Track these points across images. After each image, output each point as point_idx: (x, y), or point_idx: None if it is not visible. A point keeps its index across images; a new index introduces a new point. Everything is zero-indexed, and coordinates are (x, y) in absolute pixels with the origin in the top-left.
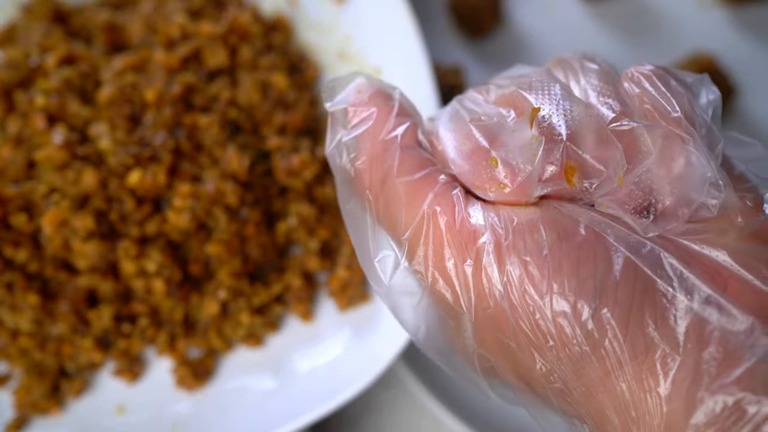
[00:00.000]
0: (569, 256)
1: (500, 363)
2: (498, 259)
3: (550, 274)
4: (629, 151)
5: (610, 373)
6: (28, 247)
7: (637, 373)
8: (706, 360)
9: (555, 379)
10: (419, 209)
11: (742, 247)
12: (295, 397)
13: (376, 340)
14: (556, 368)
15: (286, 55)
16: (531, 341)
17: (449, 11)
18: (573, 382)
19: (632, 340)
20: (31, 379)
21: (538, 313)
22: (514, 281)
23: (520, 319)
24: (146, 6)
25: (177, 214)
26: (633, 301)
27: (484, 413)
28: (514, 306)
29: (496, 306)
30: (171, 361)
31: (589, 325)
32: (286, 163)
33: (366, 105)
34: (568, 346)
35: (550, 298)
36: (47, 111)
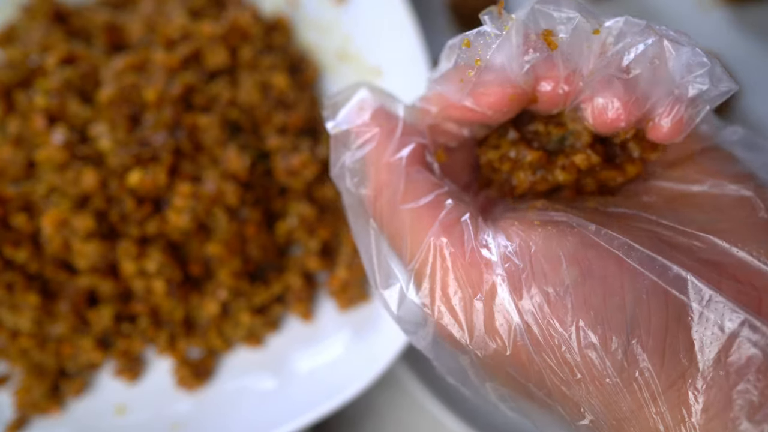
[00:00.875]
0: (594, 291)
1: (517, 396)
2: (515, 292)
3: (574, 307)
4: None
5: (642, 405)
6: (28, 247)
7: (671, 404)
8: (743, 388)
9: (583, 412)
10: (424, 239)
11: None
12: (295, 397)
13: (376, 340)
14: (584, 402)
15: (286, 55)
16: (557, 375)
17: (449, 11)
18: (603, 415)
19: (667, 370)
20: (31, 379)
21: (564, 346)
22: (538, 313)
23: (544, 353)
24: (146, 6)
25: (177, 214)
26: (667, 330)
27: (484, 413)
28: (537, 340)
29: (514, 342)
30: (171, 361)
31: (619, 356)
32: (286, 163)
33: (368, 126)
34: (598, 379)
35: (576, 330)
36: (47, 111)
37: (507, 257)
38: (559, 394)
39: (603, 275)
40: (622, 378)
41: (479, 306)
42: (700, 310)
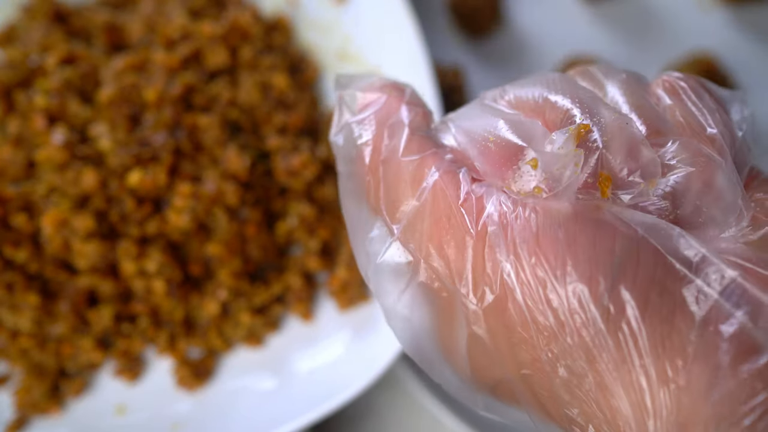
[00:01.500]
0: (585, 232)
1: (497, 354)
2: (504, 234)
3: (564, 248)
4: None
5: (626, 359)
6: (28, 247)
7: (657, 362)
8: (727, 350)
9: (562, 366)
10: (421, 183)
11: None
12: (295, 397)
13: (376, 340)
14: (566, 355)
15: (286, 55)
16: (538, 323)
17: (449, 11)
18: (583, 369)
19: (651, 325)
20: (31, 379)
21: (549, 289)
22: (524, 255)
23: (527, 297)
24: (146, 6)
25: (177, 214)
26: (653, 283)
27: None
28: (522, 282)
29: (502, 286)
30: (171, 361)
31: (605, 301)
32: (286, 163)
33: (377, 91)
34: (584, 327)
35: (563, 272)
36: (47, 111)
37: (500, 201)
38: (538, 367)
39: (596, 220)
40: (606, 325)
41: (469, 250)
42: (687, 267)
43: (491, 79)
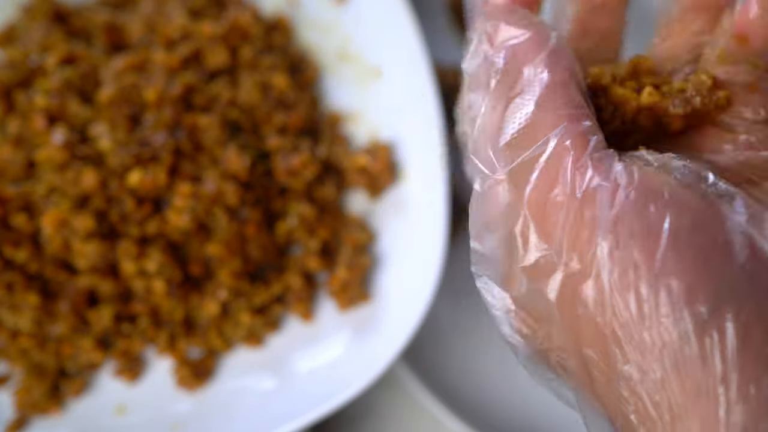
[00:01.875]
0: (701, 240)
1: (563, 324)
2: (610, 206)
3: (667, 247)
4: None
5: (708, 366)
6: (28, 247)
7: (741, 375)
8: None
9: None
10: (546, 134)
11: None
12: (295, 397)
13: (376, 340)
14: (636, 350)
15: (286, 55)
16: (616, 308)
17: (449, 11)
18: (652, 368)
19: (746, 345)
20: (31, 379)
21: (641, 278)
22: (624, 236)
23: (614, 279)
24: (146, 6)
25: (177, 214)
26: (760, 317)
27: (485, 413)
28: (615, 261)
29: (592, 258)
30: (171, 361)
31: (704, 316)
32: (286, 163)
33: (522, 27)
34: (667, 327)
35: (662, 267)
36: (47, 111)
37: (618, 176)
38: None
39: (713, 234)
40: (696, 332)
41: (570, 213)
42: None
43: None
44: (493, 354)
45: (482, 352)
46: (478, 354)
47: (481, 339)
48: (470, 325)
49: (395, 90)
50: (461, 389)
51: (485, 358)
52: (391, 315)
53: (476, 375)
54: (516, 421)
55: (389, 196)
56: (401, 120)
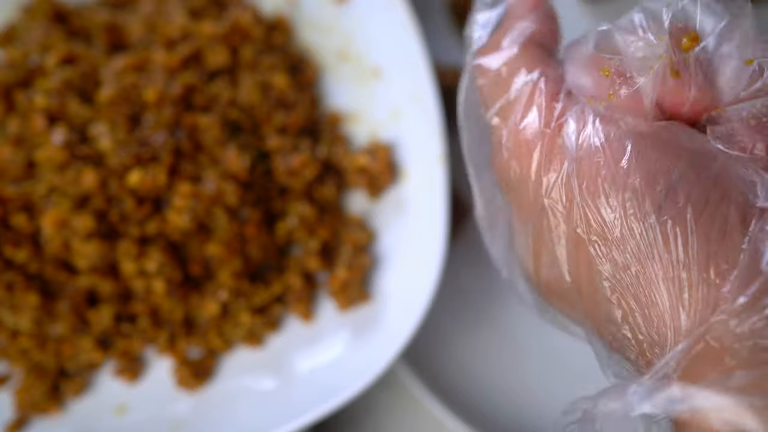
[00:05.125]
0: (654, 147)
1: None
2: (578, 121)
3: (631, 156)
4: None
5: (672, 254)
6: (28, 247)
7: (701, 262)
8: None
9: (607, 261)
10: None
11: None
12: (295, 397)
13: (376, 340)
14: (613, 247)
15: (286, 55)
16: (590, 216)
17: (449, 11)
18: (628, 261)
19: (703, 228)
20: (31, 379)
21: (608, 185)
22: (590, 157)
23: (585, 192)
24: (146, 6)
25: (177, 214)
26: (708, 202)
27: (485, 413)
28: (583, 176)
29: (567, 180)
30: (171, 361)
31: (660, 199)
32: (286, 163)
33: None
34: (635, 220)
35: (626, 173)
36: (47, 111)
37: (584, 106)
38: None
39: (665, 138)
40: (659, 221)
41: (545, 141)
42: (749, 193)
43: None
44: (493, 354)
45: (482, 352)
46: (478, 354)
47: (481, 339)
48: (470, 325)
49: (395, 90)
50: (461, 389)
51: (485, 358)
52: (391, 315)
53: (476, 375)
54: (516, 421)
55: (389, 196)
56: (401, 120)
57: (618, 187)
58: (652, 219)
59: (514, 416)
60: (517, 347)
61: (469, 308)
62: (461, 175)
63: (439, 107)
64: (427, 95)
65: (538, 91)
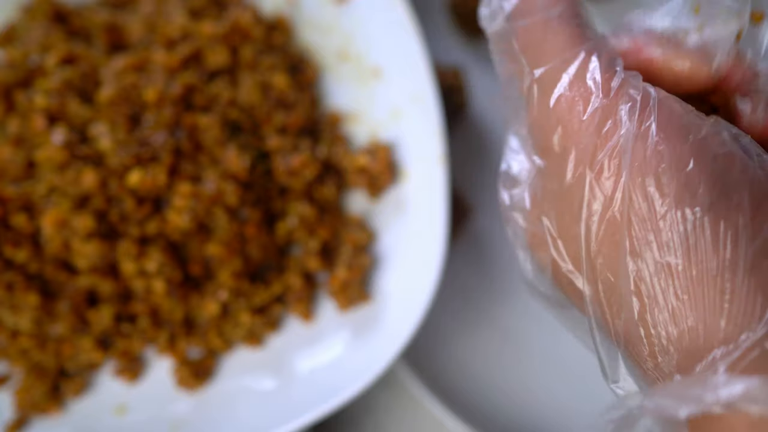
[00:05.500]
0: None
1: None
2: (641, 98)
3: (689, 150)
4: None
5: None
6: (28, 247)
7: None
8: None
9: (633, 258)
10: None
11: None
12: (295, 397)
13: (376, 340)
14: (643, 244)
15: (286, 55)
16: (638, 190)
17: (449, 11)
18: (667, 255)
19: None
20: (31, 379)
21: (664, 168)
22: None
23: (637, 181)
24: (146, 6)
25: (177, 214)
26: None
27: (485, 413)
28: (638, 151)
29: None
30: (171, 361)
31: (699, 212)
32: (286, 163)
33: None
34: (688, 211)
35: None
36: (47, 111)
37: (645, 89)
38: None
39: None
40: (709, 228)
41: (598, 112)
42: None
43: (491, 79)
44: (493, 354)
45: (482, 352)
46: (478, 354)
47: (481, 339)
48: (470, 325)
49: (395, 90)
50: (461, 389)
51: (485, 358)
52: (391, 315)
53: (476, 375)
54: (516, 421)
55: (389, 196)
56: (401, 120)
57: (673, 173)
58: (704, 214)
59: (514, 416)
60: (517, 347)
61: (470, 308)
62: (461, 175)
63: (439, 107)
64: (427, 95)
65: (593, 59)
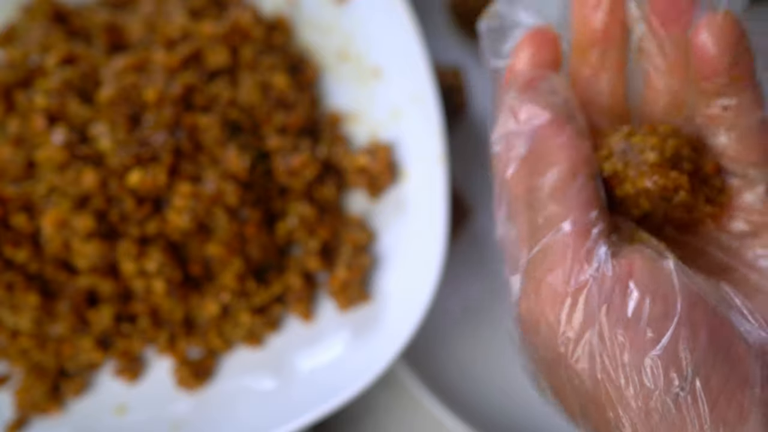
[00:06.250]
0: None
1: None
2: (599, 284)
3: (650, 329)
4: None
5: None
6: (28, 247)
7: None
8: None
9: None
10: (556, 226)
11: None
12: (295, 397)
13: (376, 340)
14: (628, 412)
15: (286, 55)
16: (612, 390)
17: (449, 11)
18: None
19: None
20: (31, 379)
21: (629, 362)
22: (611, 324)
23: (609, 366)
24: (146, 6)
25: (177, 214)
26: (722, 391)
27: (485, 413)
28: (605, 350)
29: (588, 349)
30: (171, 361)
31: (675, 384)
32: (286, 163)
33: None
34: (651, 394)
35: (646, 351)
36: (47, 111)
37: (604, 274)
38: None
39: (694, 320)
40: (678, 409)
41: (567, 301)
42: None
43: None
44: (493, 354)
45: (482, 352)
46: (478, 354)
47: (481, 339)
48: (470, 325)
49: (395, 90)
50: (461, 389)
51: (485, 358)
52: (391, 315)
53: (476, 375)
54: (516, 421)
55: (389, 196)
56: (401, 120)
57: (636, 360)
58: (670, 402)
59: (514, 416)
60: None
61: (470, 308)
62: (461, 175)
63: (439, 107)
64: (427, 95)
65: (565, 245)
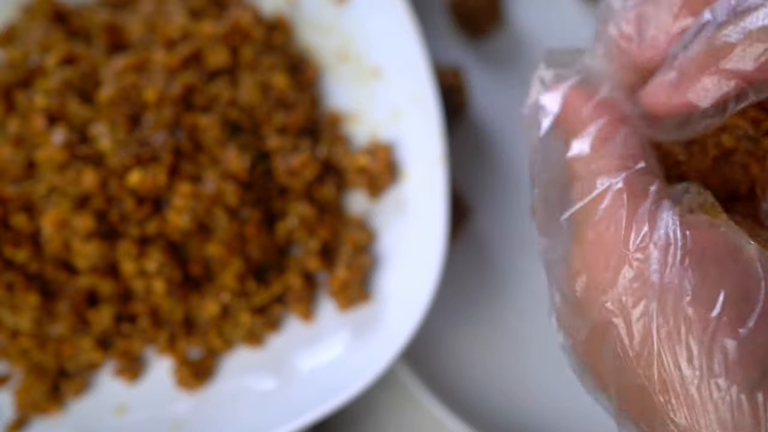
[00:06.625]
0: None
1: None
2: (665, 266)
3: (724, 311)
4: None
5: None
6: (28, 247)
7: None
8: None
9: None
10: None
11: None
12: (295, 397)
13: (376, 340)
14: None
15: (286, 55)
16: (665, 373)
17: (449, 11)
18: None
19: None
20: (31, 379)
21: (694, 345)
22: (676, 299)
23: (666, 345)
24: (146, 6)
25: (177, 214)
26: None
27: (485, 413)
28: (665, 326)
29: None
30: (171, 361)
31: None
32: (286, 163)
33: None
34: (721, 396)
35: (719, 336)
36: (47, 111)
37: (669, 240)
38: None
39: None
40: (753, 408)
41: (623, 267)
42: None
43: (491, 79)
44: (494, 354)
45: (482, 352)
46: (478, 354)
47: (481, 339)
48: (471, 325)
49: (395, 90)
50: (461, 389)
51: (485, 358)
52: (391, 315)
53: (476, 375)
54: (516, 421)
55: (389, 196)
56: (401, 120)
57: (703, 343)
58: (743, 399)
59: (514, 416)
60: (517, 347)
61: (470, 308)
62: (461, 175)
63: (439, 107)
64: (427, 95)
65: (619, 202)
